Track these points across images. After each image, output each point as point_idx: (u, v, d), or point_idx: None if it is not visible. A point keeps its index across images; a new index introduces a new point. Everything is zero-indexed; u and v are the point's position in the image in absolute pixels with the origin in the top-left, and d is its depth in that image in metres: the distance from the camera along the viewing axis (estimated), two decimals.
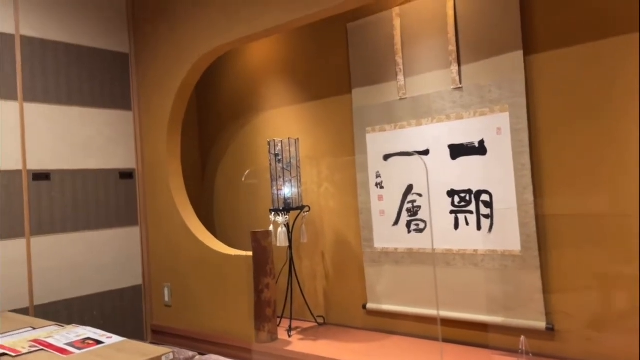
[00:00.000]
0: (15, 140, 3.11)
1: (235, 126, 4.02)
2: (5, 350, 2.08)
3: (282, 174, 3.23)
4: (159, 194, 3.66)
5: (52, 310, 3.20)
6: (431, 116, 2.85)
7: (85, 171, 3.44)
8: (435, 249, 2.84)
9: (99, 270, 3.47)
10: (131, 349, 2.02)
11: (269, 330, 3.02)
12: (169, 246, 3.61)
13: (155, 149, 3.67)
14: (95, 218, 3.48)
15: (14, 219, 3.08)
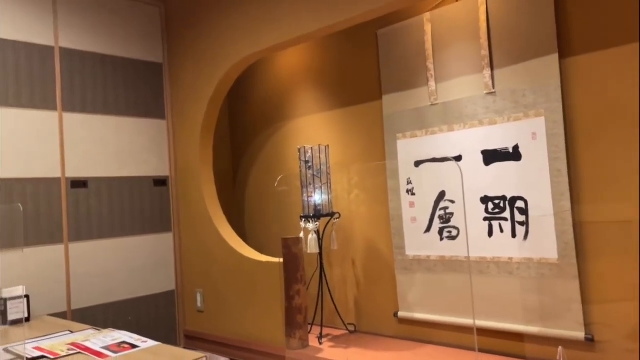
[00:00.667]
0: (54, 149, 3.21)
1: (266, 133, 4.06)
2: (44, 353, 2.14)
3: (312, 181, 3.24)
4: (192, 201, 3.72)
5: (89, 315, 3.28)
6: (463, 122, 2.82)
7: (120, 179, 3.53)
8: (469, 256, 2.79)
9: (133, 275, 3.54)
10: (166, 353, 2.05)
11: (300, 337, 3.02)
12: (201, 252, 3.66)
13: (188, 157, 3.73)
14: (130, 224, 3.56)
15: (53, 226, 3.18)
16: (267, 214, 4.06)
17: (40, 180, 3.13)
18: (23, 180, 3.05)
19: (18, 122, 3.06)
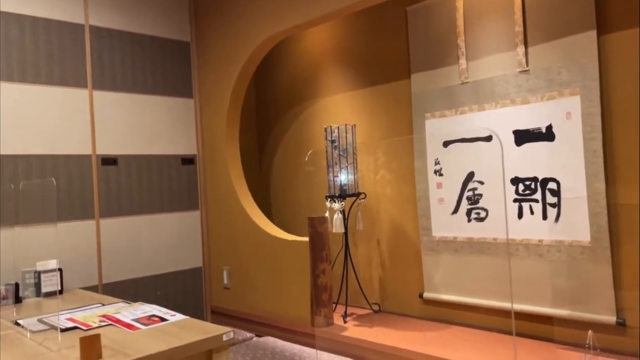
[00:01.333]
0: (85, 126, 3.27)
1: (292, 113, 4.04)
2: (77, 324, 2.20)
3: (338, 161, 3.22)
4: (219, 180, 3.75)
5: (119, 289, 3.36)
6: (495, 101, 2.75)
7: (149, 157, 3.57)
8: (497, 238, 2.75)
9: (162, 252, 3.60)
10: (194, 326, 2.09)
11: (325, 315, 3.04)
12: (228, 230, 3.70)
13: (214, 136, 3.76)
14: (159, 202, 3.61)
15: (84, 202, 3.25)
16: (292, 193, 4.07)
17: (72, 157, 3.20)
18: (55, 156, 3.12)
19: (50, 99, 3.12)
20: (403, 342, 2.65)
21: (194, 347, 1.90)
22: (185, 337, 1.95)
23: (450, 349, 2.52)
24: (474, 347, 2.54)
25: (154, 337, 1.97)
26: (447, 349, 2.52)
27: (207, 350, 1.96)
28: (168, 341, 1.90)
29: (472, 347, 2.53)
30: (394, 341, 2.68)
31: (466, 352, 2.45)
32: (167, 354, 1.82)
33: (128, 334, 2.03)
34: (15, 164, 2.96)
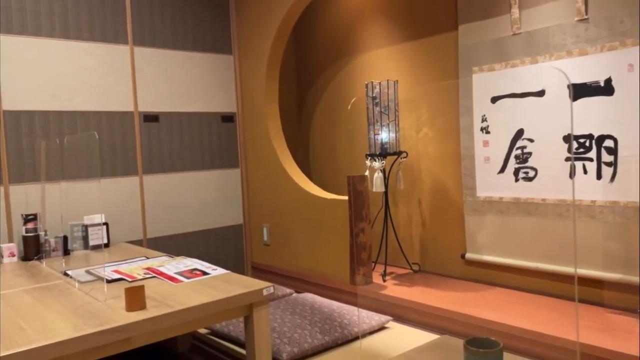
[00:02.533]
0: (127, 82, 3.28)
1: (332, 69, 3.94)
2: (122, 276, 2.26)
3: (379, 118, 3.13)
4: (258, 137, 3.73)
5: (162, 244, 3.45)
6: (549, 53, 2.57)
7: (189, 114, 3.58)
8: (546, 199, 2.63)
9: (203, 209, 3.66)
10: (235, 280, 2.11)
11: (364, 274, 3.03)
12: (267, 188, 3.70)
13: (254, 93, 3.71)
14: (200, 159, 3.64)
15: (128, 158, 3.30)
16: (331, 151, 4.02)
17: (115, 113, 3.23)
18: (98, 113, 3.16)
19: (92, 55, 3.14)
20: (444, 302, 2.62)
21: (235, 300, 1.92)
22: (227, 290, 1.97)
23: (493, 310, 2.46)
24: (518, 309, 2.47)
25: (196, 290, 2.00)
26: (490, 310, 2.47)
27: (247, 304, 1.98)
28: (210, 294, 1.93)
29: (516, 310, 2.47)
30: (435, 301, 2.65)
31: (510, 314, 2.39)
32: (209, 306, 1.85)
33: (171, 286, 2.07)
34: (61, 120, 3.02)
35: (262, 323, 2.00)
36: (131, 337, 1.68)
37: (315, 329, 2.41)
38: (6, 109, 2.83)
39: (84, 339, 1.56)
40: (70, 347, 1.53)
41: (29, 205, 2.90)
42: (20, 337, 1.54)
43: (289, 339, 2.30)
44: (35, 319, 1.71)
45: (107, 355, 1.64)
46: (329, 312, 2.60)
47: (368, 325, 2.52)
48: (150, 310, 1.76)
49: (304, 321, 2.47)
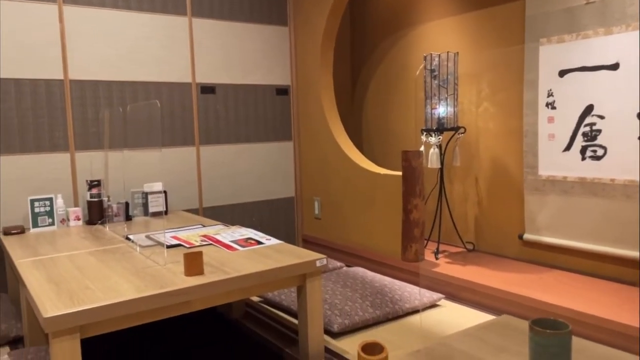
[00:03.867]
0: (185, 54, 3.33)
1: (389, 41, 3.84)
2: (181, 242, 2.33)
3: (437, 92, 3.04)
4: (312, 111, 3.71)
5: (217, 213, 3.53)
6: (625, 23, 2.39)
7: (245, 86, 3.60)
8: (615, 179, 2.48)
9: (256, 180, 3.70)
10: (288, 251, 2.13)
11: (416, 250, 2.99)
12: (320, 162, 3.70)
13: (308, 66, 3.69)
14: (254, 131, 3.67)
15: (186, 129, 3.37)
16: (385, 125, 3.95)
17: (174, 84, 3.30)
18: (158, 83, 3.23)
19: (153, 26, 3.19)
20: (500, 283, 2.55)
21: (289, 270, 1.94)
22: (281, 260, 1.99)
23: (552, 293, 2.38)
24: (578, 293, 2.37)
25: (251, 258, 2.04)
26: (548, 293, 2.38)
27: (300, 274, 1.99)
28: (264, 262, 1.96)
29: (576, 293, 2.37)
30: (490, 281, 2.58)
31: (569, 298, 2.30)
32: (264, 274, 1.87)
33: (227, 254, 2.11)
34: (123, 90, 3.11)
35: (315, 294, 2.02)
36: (190, 300, 1.73)
37: (367, 302, 2.40)
38: (72, 78, 2.94)
39: (146, 300, 1.62)
40: (133, 307, 1.59)
41: (93, 171, 3.03)
42: (87, 296, 1.62)
43: (340, 311, 2.31)
44: (100, 279, 1.79)
45: (167, 317, 1.70)
46: (379, 287, 2.59)
47: (420, 302, 2.49)
48: (207, 275, 1.81)
49: (355, 294, 2.47)
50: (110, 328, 1.59)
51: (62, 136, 2.93)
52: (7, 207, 2.79)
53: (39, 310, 1.50)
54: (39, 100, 2.84)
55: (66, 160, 2.95)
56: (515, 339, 1.36)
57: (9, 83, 2.75)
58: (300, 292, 2.03)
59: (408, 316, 2.45)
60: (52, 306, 1.51)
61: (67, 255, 2.16)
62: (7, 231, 2.65)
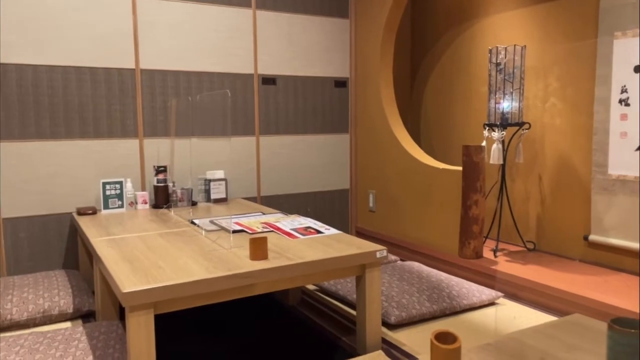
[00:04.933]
0: (249, 45, 3.40)
1: (451, 34, 3.78)
2: (243, 228, 2.40)
3: (502, 86, 2.96)
4: (370, 103, 3.71)
5: (274, 202, 3.60)
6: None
7: (305, 78, 3.64)
8: None
9: (312, 171, 3.75)
10: (348, 241, 2.15)
11: (474, 247, 2.95)
12: (376, 154, 3.70)
13: (368, 58, 3.68)
14: (312, 123, 3.71)
15: (247, 119, 3.45)
16: (445, 120, 3.89)
17: (237, 75, 3.38)
18: (222, 74, 3.32)
19: (218, 18, 3.28)
20: (562, 283, 2.47)
21: (349, 259, 1.96)
22: (341, 249, 2.01)
23: (619, 296, 2.28)
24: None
25: (311, 246, 2.07)
26: (615, 296, 2.29)
27: (360, 265, 2.01)
28: (325, 251, 1.99)
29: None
30: (552, 281, 2.51)
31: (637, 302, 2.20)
32: (325, 262, 1.91)
33: (288, 241, 2.16)
34: (189, 80, 3.21)
35: (374, 285, 2.03)
36: (255, 283, 1.79)
37: (424, 296, 2.40)
38: (143, 68, 3.07)
39: (215, 281, 1.69)
40: (203, 287, 1.66)
41: (160, 158, 3.16)
42: (159, 274, 1.70)
43: (397, 304, 2.31)
44: (170, 259, 1.88)
45: (232, 299, 1.76)
46: (436, 282, 2.57)
47: (478, 299, 2.46)
48: (271, 260, 1.86)
49: (412, 288, 2.47)
50: (181, 306, 1.66)
51: (132, 123, 3.07)
52: (81, 189, 2.95)
53: (117, 286, 1.59)
54: (112, 89, 2.99)
55: (135, 146, 3.09)
56: (587, 337, 1.33)
57: (85, 72, 2.91)
58: (359, 282, 2.05)
59: (466, 312, 2.42)
60: (129, 283, 1.60)
61: (137, 236, 2.27)
62: (80, 211, 2.81)
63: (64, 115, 2.88)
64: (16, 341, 1.88)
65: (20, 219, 2.81)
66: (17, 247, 2.81)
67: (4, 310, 2.25)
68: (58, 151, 2.87)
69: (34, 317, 2.28)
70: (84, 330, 1.98)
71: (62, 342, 1.85)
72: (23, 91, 2.77)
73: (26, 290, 2.43)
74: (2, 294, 2.38)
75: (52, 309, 2.32)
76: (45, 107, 2.83)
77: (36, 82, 2.79)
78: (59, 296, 2.40)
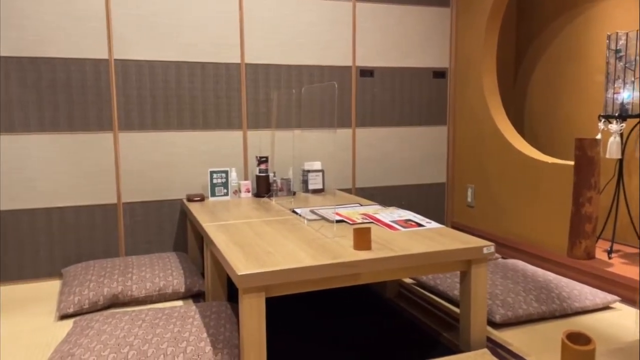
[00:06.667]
0: (347, 38, 3.42)
1: (562, 19, 3.54)
2: (343, 218, 2.42)
3: (622, 74, 2.73)
4: (470, 94, 3.58)
5: (368, 194, 3.60)
6: None
7: (402, 69, 3.59)
8: None
9: (407, 164, 3.70)
10: (452, 235, 2.10)
11: (586, 247, 2.76)
12: (476, 147, 3.57)
13: (470, 47, 3.55)
14: (409, 115, 3.66)
15: (344, 111, 3.48)
16: (553, 111, 3.66)
17: (335, 68, 3.41)
18: (322, 67, 3.37)
19: (318, 12, 3.33)
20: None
21: (455, 254, 1.91)
22: (445, 243, 1.97)
23: None
24: None
25: (414, 239, 2.05)
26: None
27: (466, 260, 1.96)
28: (428, 244, 1.96)
29: None
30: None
31: None
32: (430, 255, 1.88)
33: (389, 233, 2.15)
34: (290, 73, 3.29)
35: (480, 281, 1.97)
36: (359, 273, 1.80)
37: (530, 296, 2.28)
38: (248, 62, 3.19)
39: (322, 268, 1.72)
40: (311, 273, 1.71)
41: (261, 148, 3.28)
42: (269, 259, 1.77)
43: (502, 302, 2.23)
44: (278, 246, 1.94)
45: (336, 287, 1.79)
46: (544, 282, 2.44)
47: (591, 302, 2.30)
48: (375, 251, 1.86)
49: (517, 287, 2.36)
50: (289, 290, 1.72)
51: (237, 115, 3.20)
52: (190, 177, 3.14)
53: (232, 269, 1.67)
54: (219, 82, 3.14)
55: (239, 137, 3.23)
56: None
57: (196, 66, 3.08)
58: (464, 278, 2.00)
59: (577, 316, 2.27)
60: (243, 266, 1.68)
61: (244, 222, 2.37)
62: (190, 198, 2.99)
63: (176, 108, 3.07)
64: (138, 315, 2.05)
65: (137, 204, 3.05)
66: (134, 230, 3.05)
67: (125, 287, 2.46)
68: (170, 141, 3.08)
69: (150, 294, 2.47)
70: (197, 309, 2.11)
71: (178, 319, 1.98)
72: (141, 85, 2.99)
73: (143, 269, 2.64)
74: (123, 272, 2.60)
75: (167, 287, 2.50)
76: (160, 100, 3.03)
77: (153, 77, 3.00)
78: (172, 276, 2.58)
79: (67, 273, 2.69)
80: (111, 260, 2.80)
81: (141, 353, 1.70)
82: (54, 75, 2.83)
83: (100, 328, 1.92)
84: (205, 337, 1.83)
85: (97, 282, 2.47)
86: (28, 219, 2.85)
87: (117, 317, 2.04)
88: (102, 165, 2.96)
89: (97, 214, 2.98)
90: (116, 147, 2.98)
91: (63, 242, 2.93)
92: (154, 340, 1.79)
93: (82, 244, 2.96)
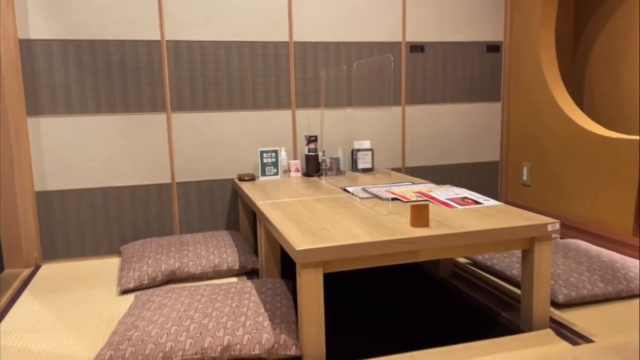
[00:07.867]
0: (397, 13, 3.33)
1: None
2: (397, 196, 2.38)
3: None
4: (527, 68, 3.43)
5: (418, 173, 3.53)
6: None
7: (454, 44, 3.48)
8: None
9: (459, 142, 3.59)
10: (512, 212, 2.03)
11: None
12: (532, 124, 3.43)
13: (526, 20, 3.39)
14: (460, 91, 3.55)
15: (394, 88, 3.40)
16: (615, 85, 3.46)
17: (384, 44, 3.33)
18: (370, 43, 3.30)
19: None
20: None
21: (518, 231, 1.84)
22: (506, 220, 1.90)
23: None
24: None
25: (472, 216, 1.99)
26: None
27: (529, 237, 1.88)
28: (488, 221, 1.89)
29: None
30: None
31: None
32: (491, 232, 1.82)
33: (446, 211, 2.10)
34: (339, 51, 3.24)
35: (544, 260, 1.89)
36: (417, 250, 1.76)
37: (595, 276, 2.18)
38: (296, 40, 3.16)
39: (379, 245, 1.70)
40: (369, 249, 1.68)
41: (310, 128, 3.26)
42: (326, 235, 1.75)
43: (565, 282, 2.14)
44: (333, 223, 1.93)
45: (393, 264, 1.76)
46: (609, 262, 2.33)
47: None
48: (433, 228, 1.82)
49: (580, 267, 2.26)
50: (347, 267, 1.71)
51: (286, 94, 3.19)
52: (241, 157, 3.17)
53: (290, 245, 1.67)
54: (268, 62, 3.13)
55: (288, 116, 3.22)
56: None
57: (245, 46, 3.08)
58: (526, 256, 1.93)
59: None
60: (300, 241, 1.68)
61: (296, 200, 2.37)
62: (241, 177, 3.02)
63: (227, 88, 3.09)
64: (197, 291, 2.09)
65: (190, 183, 3.10)
66: (188, 209, 3.11)
67: (181, 264, 2.51)
68: (221, 121, 3.10)
69: (206, 271, 2.52)
70: (253, 285, 2.13)
71: (236, 294, 2.01)
72: (192, 66, 3.01)
73: (198, 247, 2.69)
74: (179, 249, 2.66)
75: (222, 264, 2.54)
76: (210, 81, 3.06)
77: (203, 57, 3.02)
78: (226, 254, 2.62)
79: (126, 250, 2.78)
80: (167, 238, 2.86)
81: (202, 326, 1.73)
82: (109, 57, 2.89)
83: (161, 302, 1.97)
84: (263, 312, 1.84)
85: (154, 259, 2.53)
86: (88, 198, 2.96)
87: (177, 291, 2.09)
88: (156, 146, 3.03)
89: (152, 193, 3.05)
90: (169, 127, 3.03)
91: (120, 221, 3.02)
92: (213, 314, 1.82)
93: (138, 223, 3.05)
